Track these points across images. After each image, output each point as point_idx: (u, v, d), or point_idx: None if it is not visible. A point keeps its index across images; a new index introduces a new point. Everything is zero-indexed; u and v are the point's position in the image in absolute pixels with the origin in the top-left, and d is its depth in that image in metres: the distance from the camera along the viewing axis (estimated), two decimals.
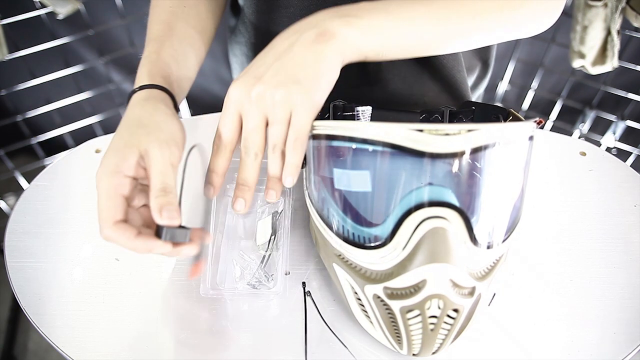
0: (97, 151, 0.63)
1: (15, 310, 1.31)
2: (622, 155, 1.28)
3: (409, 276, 0.40)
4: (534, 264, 0.54)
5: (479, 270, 0.43)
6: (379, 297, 0.43)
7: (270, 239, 0.53)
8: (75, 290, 0.52)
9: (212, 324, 0.50)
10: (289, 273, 0.53)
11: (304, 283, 0.52)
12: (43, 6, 1.03)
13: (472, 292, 0.42)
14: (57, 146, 1.29)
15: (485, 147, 0.39)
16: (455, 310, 0.41)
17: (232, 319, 0.50)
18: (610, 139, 1.31)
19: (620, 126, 1.28)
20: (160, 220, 0.41)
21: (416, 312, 0.41)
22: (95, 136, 0.65)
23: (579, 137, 1.26)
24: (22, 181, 1.24)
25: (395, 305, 0.41)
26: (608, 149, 1.30)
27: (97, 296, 0.51)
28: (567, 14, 1.10)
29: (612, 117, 1.28)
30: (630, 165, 0.72)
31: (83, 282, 0.52)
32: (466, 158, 0.39)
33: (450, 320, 0.41)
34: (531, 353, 0.48)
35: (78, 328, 0.49)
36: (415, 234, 0.40)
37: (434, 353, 0.43)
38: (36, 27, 1.05)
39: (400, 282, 0.41)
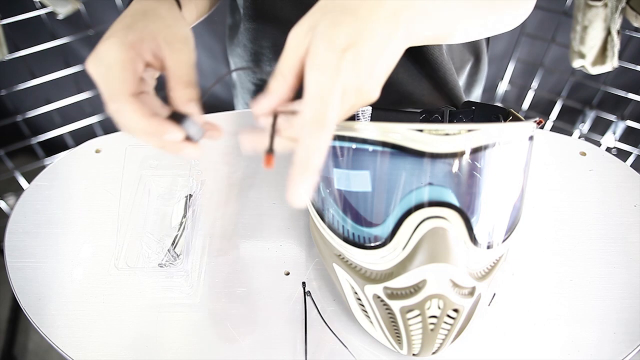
0: (97, 151, 0.63)
1: (15, 310, 1.31)
2: (622, 155, 1.28)
3: (409, 276, 0.40)
4: (534, 264, 0.54)
5: (479, 270, 0.43)
6: (379, 297, 0.43)
7: (181, 221, 0.54)
8: (75, 290, 0.52)
9: (212, 324, 0.50)
10: (289, 273, 0.53)
11: (304, 283, 0.52)
12: (43, 6, 1.03)
13: (472, 292, 0.42)
14: (57, 146, 1.29)
15: (485, 147, 0.39)
16: (455, 310, 0.41)
17: (232, 318, 0.50)
18: (610, 139, 1.31)
19: (620, 126, 1.28)
20: (188, 110, 0.38)
21: (416, 312, 0.41)
22: (95, 136, 0.65)
23: (579, 137, 1.26)
24: (22, 181, 1.24)
25: (395, 305, 0.41)
26: (608, 149, 1.30)
27: (97, 296, 0.51)
28: (567, 14, 1.10)
29: (612, 117, 1.28)
30: (630, 165, 0.72)
31: (83, 282, 0.52)
32: (466, 158, 0.39)
33: (450, 320, 0.41)
34: (531, 353, 0.48)
35: (78, 328, 0.49)
36: (415, 234, 0.40)
37: (434, 353, 0.43)
38: (36, 27, 1.06)
39: (400, 282, 0.41)
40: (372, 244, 0.43)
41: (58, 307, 0.50)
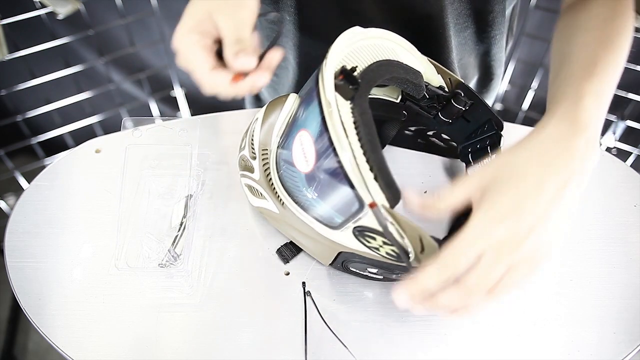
0: (97, 151, 0.63)
1: (15, 310, 1.31)
2: (622, 155, 1.27)
3: None
4: None
5: None
6: None
7: (182, 221, 0.54)
8: (75, 290, 0.52)
9: (212, 324, 0.50)
10: (289, 273, 0.53)
11: (304, 283, 0.52)
12: (43, 6, 1.03)
13: None
14: (57, 146, 1.29)
15: None
16: None
17: (232, 318, 0.50)
18: (610, 139, 1.30)
19: (620, 126, 1.27)
20: (236, 64, 0.42)
21: None
22: (95, 136, 0.65)
23: None
24: (22, 181, 1.24)
25: None
26: (608, 149, 1.30)
27: (97, 296, 0.51)
28: None
29: (612, 117, 1.28)
30: (630, 165, 0.72)
31: (83, 282, 0.52)
32: None
33: None
34: (531, 353, 0.48)
35: (78, 328, 0.49)
36: None
37: None
38: (36, 27, 1.05)
39: None
40: None
41: (58, 307, 0.50)
